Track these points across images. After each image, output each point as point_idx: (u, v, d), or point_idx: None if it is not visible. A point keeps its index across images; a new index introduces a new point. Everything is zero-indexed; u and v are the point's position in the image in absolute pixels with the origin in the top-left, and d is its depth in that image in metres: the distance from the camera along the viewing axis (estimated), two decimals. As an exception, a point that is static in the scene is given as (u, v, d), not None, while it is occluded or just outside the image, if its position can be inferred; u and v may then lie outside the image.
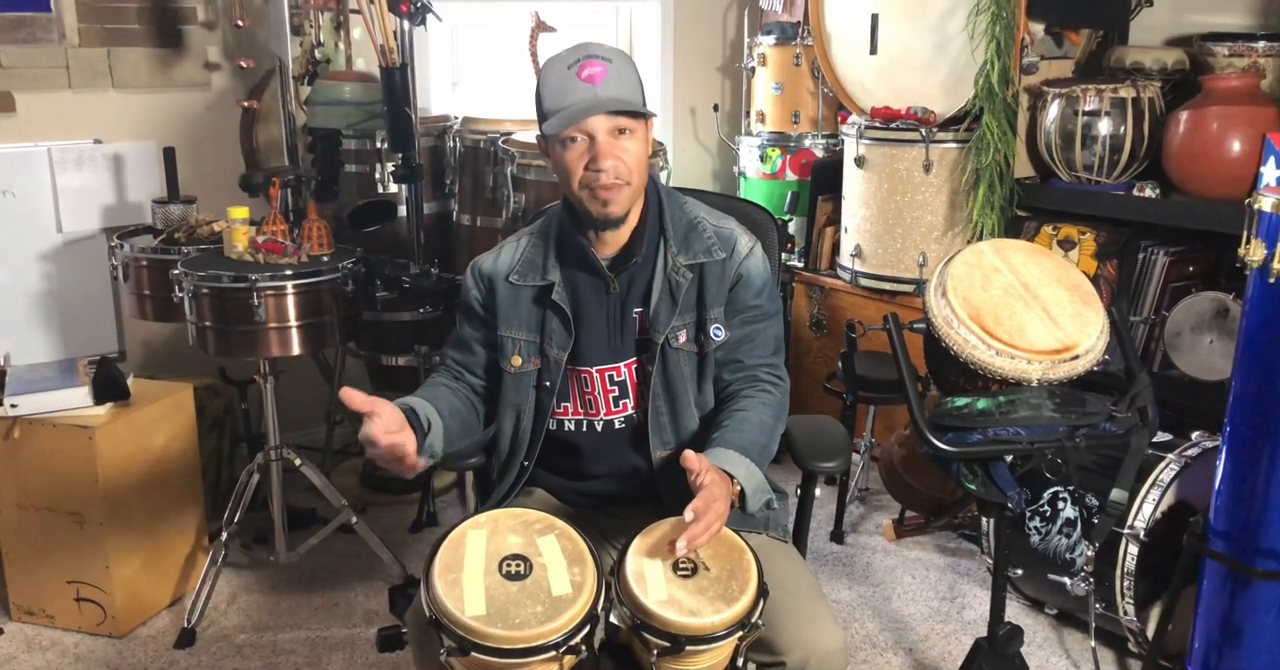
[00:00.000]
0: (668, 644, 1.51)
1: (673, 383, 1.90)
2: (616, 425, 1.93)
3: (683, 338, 1.89)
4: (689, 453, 1.66)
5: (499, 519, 1.63)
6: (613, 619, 1.57)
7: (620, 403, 1.92)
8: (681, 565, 1.59)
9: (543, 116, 1.81)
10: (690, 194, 2.03)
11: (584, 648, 1.52)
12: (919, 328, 2.14)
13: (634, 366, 1.92)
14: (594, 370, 1.91)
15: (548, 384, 1.91)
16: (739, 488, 1.73)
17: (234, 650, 2.73)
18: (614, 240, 1.89)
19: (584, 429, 1.94)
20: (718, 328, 1.90)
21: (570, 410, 1.94)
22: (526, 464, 1.94)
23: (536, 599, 1.51)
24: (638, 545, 1.61)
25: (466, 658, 1.49)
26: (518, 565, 1.55)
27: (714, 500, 1.62)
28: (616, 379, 1.92)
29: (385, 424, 1.65)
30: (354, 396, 1.63)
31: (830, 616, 1.75)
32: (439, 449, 1.80)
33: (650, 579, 1.56)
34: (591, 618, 1.52)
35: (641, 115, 1.80)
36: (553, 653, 1.48)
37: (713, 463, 1.72)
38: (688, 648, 1.51)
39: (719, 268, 1.90)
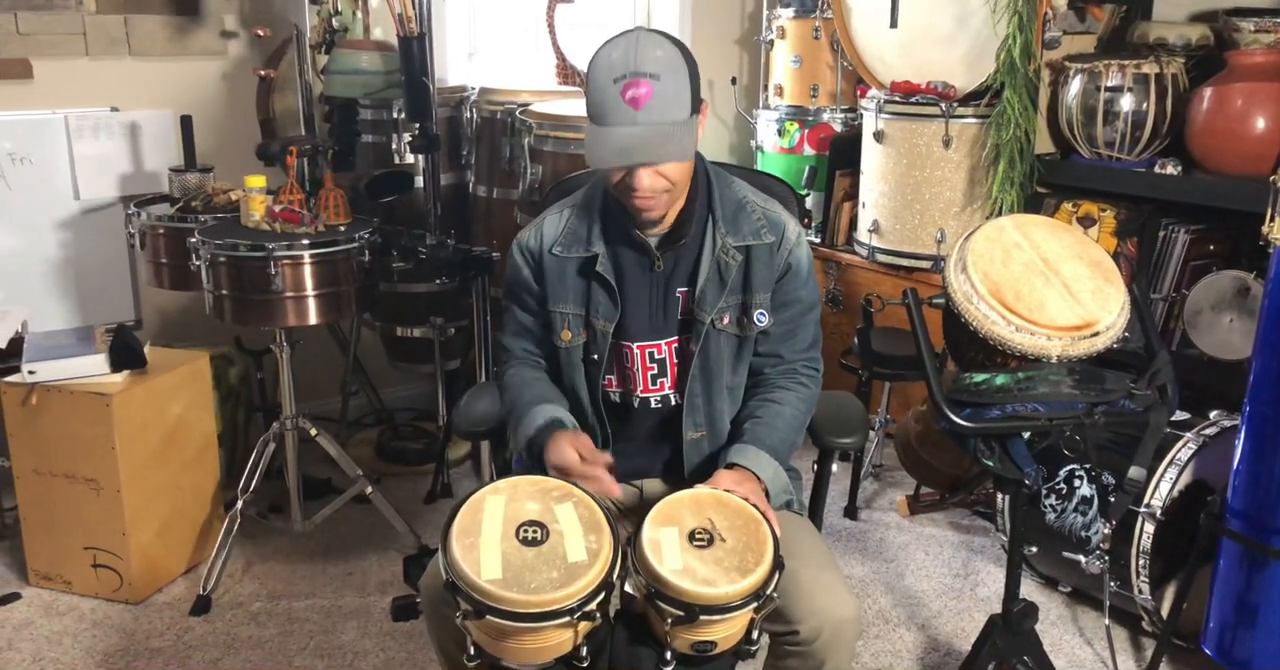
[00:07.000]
0: (681, 613, 1.51)
1: (710, 364, 1.90)
2: (652, 404, 1.93)
3: (726, 319, 1.88)
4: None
5: (518, 485, 1.63)
6: (628, 588, 1.57)
7: (658, 381, 1.92)
8: (698, 536, 1.59)
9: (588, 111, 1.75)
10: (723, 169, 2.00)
11: (599, 615, 1.52)
12: (938, 303, 2.12)
13: (675, 345, 1.91)
14: (634, 346, 1.90)
15: (595, 357, 1.90)
16: (764, 488, 1.80)
17: (249, 617, 2.75)
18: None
19: (619, 402, 1.94)
20: (761, 313, 1.89)
21: (611, 383, 1.94)
22: (601, 442, 1.94)
23: (552, 565, 1.51)
24: (655, 515, 1.61)
25: (481, 621, 1.49)
26: (534, 531, 1.55)
27: (744, 480, 1.77)
28: (657, 357, 1.91)
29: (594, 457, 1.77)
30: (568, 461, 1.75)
31: (843, 586, 1.75)
32: None
33: (666, 548, 1.56)
34: (606, 585, 1.52)
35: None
36: (567, 618, 1.48)
37: (742, 461, 1.81)
38: (701, 617, 1.51)
39: (767, 252, 1.88)
